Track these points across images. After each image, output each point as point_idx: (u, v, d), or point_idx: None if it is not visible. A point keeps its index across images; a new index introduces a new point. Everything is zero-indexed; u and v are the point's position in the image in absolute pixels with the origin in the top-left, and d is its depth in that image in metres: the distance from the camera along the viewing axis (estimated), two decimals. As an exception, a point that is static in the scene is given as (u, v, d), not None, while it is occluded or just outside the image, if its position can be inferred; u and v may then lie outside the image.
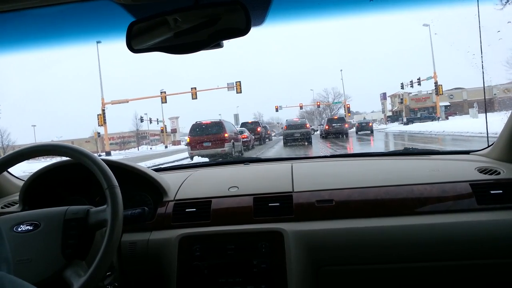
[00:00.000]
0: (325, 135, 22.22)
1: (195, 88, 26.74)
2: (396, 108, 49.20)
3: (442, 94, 30.50)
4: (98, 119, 24.60)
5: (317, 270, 1.20)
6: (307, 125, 19.06)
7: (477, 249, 1.15)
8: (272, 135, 30.66)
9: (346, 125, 22.32)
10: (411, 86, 32.26)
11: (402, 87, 33.79)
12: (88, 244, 0.99)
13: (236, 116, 30.35)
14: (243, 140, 15.86)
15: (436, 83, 27.31)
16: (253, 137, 18.84)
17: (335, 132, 21.64)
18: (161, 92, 27.51)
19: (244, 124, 22.61)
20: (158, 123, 39.40)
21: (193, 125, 14.28)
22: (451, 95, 40.76)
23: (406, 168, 1.44)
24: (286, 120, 20.49)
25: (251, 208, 1.28)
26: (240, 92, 25.05)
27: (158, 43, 0.94)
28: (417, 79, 31.07)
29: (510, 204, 1.18)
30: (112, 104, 25.76)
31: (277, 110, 41.03)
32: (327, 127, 22.16)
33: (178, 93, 30.42)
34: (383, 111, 52.67)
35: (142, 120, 37.67)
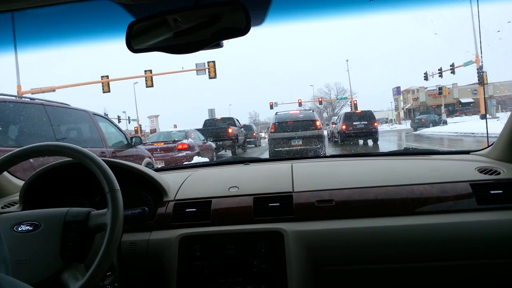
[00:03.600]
0: (341, 140, 15.70)
1: (150, 71, 20.89)
2: (409, 105, 46.46)
3: (487, 83, 24.08)
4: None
5: (317, 270, 1.27)
6: (317, 123, 11.37)
7: (477, 249, 1.21)
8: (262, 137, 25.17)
9: (375, 124, 15.62)
10: (439, 76, 26.68)
11: (426, 78, 27.66)
12: (87, 247, 1.04)
13: (211, 111, 23.82)
14: (180, 154, 9.63)
15: (480, 68, 19.07)
16: (212, 145, 12.08)
17: (359, 134, 15.28)
18: (102, 77, 20.84)
19: (209, 123, 15.28)
20: (130, 122, 35.12)
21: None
22: (475, 90, 37.65)
23: (406, 168, 1.51)
24: (276, 114, 12.37)
25: (251, 208, 1.35)
26: (215, 76, 19.61)
27: (158, 43, 0.99)
28: (450, 66, 24.68)
29: (510, 204, 1.25)
30: (32, 93, 18.19)
31: (271, 108, 34.79)
32: (344, 126, 15.42)
33: (126, 77, 23.02)
34: (397, 109, 49.95)
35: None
